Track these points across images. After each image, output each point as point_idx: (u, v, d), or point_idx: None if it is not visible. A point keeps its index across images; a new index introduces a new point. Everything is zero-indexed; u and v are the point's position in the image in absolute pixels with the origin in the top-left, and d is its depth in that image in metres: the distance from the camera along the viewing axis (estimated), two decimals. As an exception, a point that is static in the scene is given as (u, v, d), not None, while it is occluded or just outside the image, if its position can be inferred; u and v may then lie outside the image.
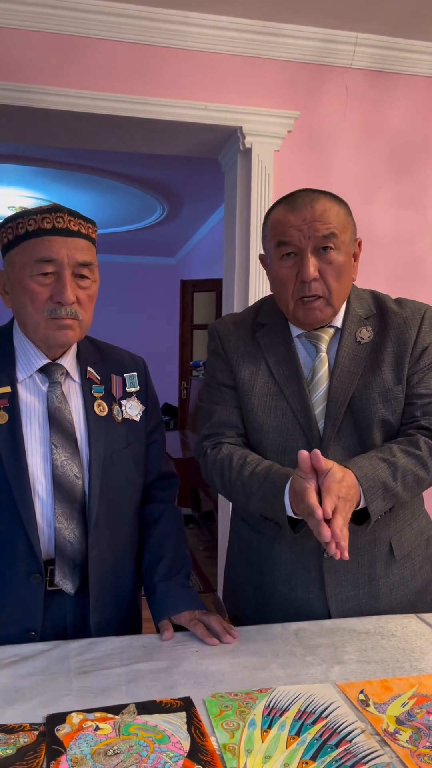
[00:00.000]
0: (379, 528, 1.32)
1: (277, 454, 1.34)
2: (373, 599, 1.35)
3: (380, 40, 2.71)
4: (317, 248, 1.24)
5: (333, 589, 1.34)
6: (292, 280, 1.26)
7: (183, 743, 0.87)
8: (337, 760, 0.84)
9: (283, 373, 1.34)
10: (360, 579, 1.35)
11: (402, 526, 1.37)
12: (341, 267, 1.25)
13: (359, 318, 1.34)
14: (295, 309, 1.28)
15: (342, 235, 1.25)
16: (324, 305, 1.27)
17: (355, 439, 1.31)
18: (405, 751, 0.87)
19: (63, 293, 1.16)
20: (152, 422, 1.39)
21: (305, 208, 1.24)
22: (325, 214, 1.23)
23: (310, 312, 1.27)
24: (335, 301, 1.28)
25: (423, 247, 2.95)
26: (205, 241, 6.51)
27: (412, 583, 1.38)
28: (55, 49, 2.49)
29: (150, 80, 2.60)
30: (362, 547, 1.33)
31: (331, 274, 1.25)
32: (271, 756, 0.86)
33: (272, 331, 1.38)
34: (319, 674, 1.07)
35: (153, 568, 1.32)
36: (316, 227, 1.23)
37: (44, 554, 1.20)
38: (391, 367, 1.31)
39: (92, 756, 0.84)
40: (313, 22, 2.60)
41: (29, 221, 1.18)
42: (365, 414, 1.30)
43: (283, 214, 1.26)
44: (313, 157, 2.81)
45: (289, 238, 1.24)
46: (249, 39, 2.62)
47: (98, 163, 4.27)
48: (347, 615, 1.34)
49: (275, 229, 1.28)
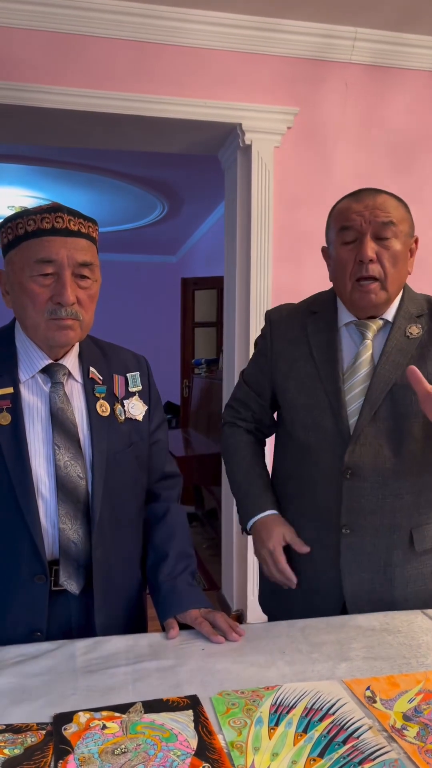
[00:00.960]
0: (400, 515, 1.36)
1: (305, 429, 1.42)
2: (389, 586, 1.37)
3: (379, 34, 2.71)
4: (376, 234, 1.32)
5: (348, 567, 1.37)
6: (351, 261, 1.33)
7: (190, 741, 0.87)
8: (345, 757, 0.84)
9: (323, 357, 1.41)
10: (376, 563, 1.37)
11: (426, 520, 1.39)
12: (398, 254, 1.33)
13: (410, 315, 1.40)
14: (352, 291, 1.35)
15: (400, 225, 1.33)
16: (379, 289, 1.33)
17: (390, 424, 1.35)
18: (412, 747, 0.87)
19: (63, 294, 1.16)
20: (155, 421, 1.39)
21: (368, 198, 1.34)
22: (386, 204, 1.33)
23: (366, 295, 1.34)
24: (390, 286, 1.34)
25: (425, 242, 2.93)
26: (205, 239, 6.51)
27: (430, 584, 1.40)
28: (53, 48, 2.49)
29: (149, 78, 2.59)
30: (382, 531, 1.36)
31: (388, 258, 1.32)
32: (278, 753, 0.86)
33: (321, 318, 1.46)
34: (325, 671, 1.07)
35: (158, 566, 1.32)
36: (376, 214, 1.31)
37: (48, 555, 1.20)
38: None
39: (100, 755, 0.84)
40: (312, 17, 2.59)
41: (28, 221, 1.17)
42: (405, 402, 1.34)
43: (347, 203, 1.36)
44: (313, 153, 2.80)
45: (351, 222, 1.33)
46: (248, 35, 2.62)
47: (98, 161, 4.27)
48: (361, 599, 1.36)
49: (339, 216, 1.37)
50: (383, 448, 1.35)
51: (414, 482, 1.36)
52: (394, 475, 1.35)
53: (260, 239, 2.78)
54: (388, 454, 1.35)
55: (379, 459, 1.35)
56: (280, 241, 2.82)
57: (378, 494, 1.35)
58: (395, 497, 1.36)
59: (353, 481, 1.35)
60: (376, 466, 1.35)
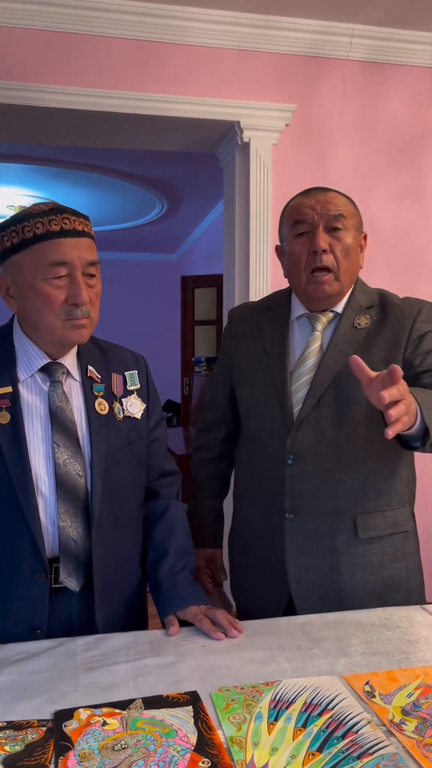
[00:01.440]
0: (344, 500, 1.39)
1: (255, 420, 1.50)
2: (335, 574, 1.40)
3: (377, 31, 2.70)
4: (328, 226, 1.37)
5: (292, 551, 1.40)
6: (304, 254, 1.38)
7: (190, 737, 0.88)
8: (344, 751, 0.85)
9: (274, 351, 1.46)
10: (321, 548, 1.40)
11: (372, 508, 1.41)
12: (349, 246, 1.38)
13: (360, 307, 1.43)
14: (307, 283, 1.39)
15: (350, 219, 1.39)
16: (333, 279, 1.38)
17: (333, 411, 1.38)
18: (411, 741, 0.87)
19: (79, 295, 1.17)
20: (154, 419, 1.40)
21: (318, 194, 1.41)
22: (336, 199, 1.40)
23: (320, 285, 1.38)
24: (343, 276, 1.38)
25: (423, 239, 2.94)
26: (205, 237, 6.50)
27: (380, 573, 1.41)
28: (52, 47, 2.49)
29: (147, 76, 2.59)
30: (325, 516, 1.39)
31: (340, 250, 1.37)
32: (277, 748, 0.86)
33: (276, 313, 1.52)
34: (325, 667, 1.08)
35: (157, 564, 1.32)
36: (327, 207, 1.37)
37: (48, 552, 1.21)
38: (382, 350, 1.39)
39: (100, 751, 0.85)
40: (309, 14, 2.59)
41: (36, 224, 1.17)
42: (348, 389, 1.38)
43: (299, 200, 1.43)
44: (311, 150, 2.80)
45: (303, 216, 1.38)
46: (245, 33, 2.62)
47: (97, 160, 4.27)
48: (306, 588, 1.39)
49: (291, 211, 1.43)
50: (325, 435, 1.38)
51: (358, 469, 1.39)
52: (336, 461, 1.38)
53: (259, 237, 2.78)
54: (330, 440, 1.38)
55: (321, 444, 1.38)
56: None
57: (320, 479, 1.39)
58: (337, 483, 1.39)
59: (295, 466, 1.39)
60: (318, 452, 1.38)
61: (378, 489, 1.41)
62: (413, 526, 1.49)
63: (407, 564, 1.45)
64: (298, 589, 1.41)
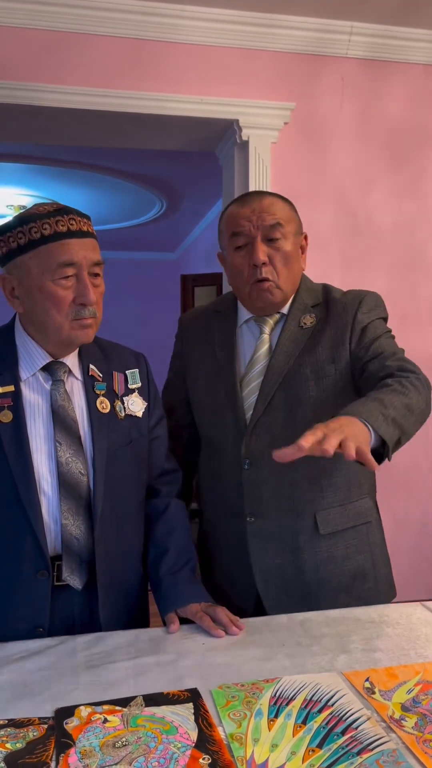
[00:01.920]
0: (302, 500, 1.40)
1: (210, 425, 1.51)
2: (300, 572, 1.40)
3: (375, 28, 2.70)
4: (266, 237, 1.37)
5: (256, 554, 1.40)
6: (245, 266, 1.39)
7: (191, 734, 0.88)
8: (344, 747, 0.85)
9: (224, 356, 1.47)
10: (284, 548, 1.40)
11: (330, 503, 1.41)
12: (288, 255, 1.39)
13: (306, 306, 1.45)
14: (250, 292, 1.40)
15: (287, 225, 1.38)
16: (274, 287, 1.39)
17: (284, 413, 1.39)
18: (411, 737, 0.88)
19: (87, 295, 1.19)
20: (154, 418, 1.40)
21: (254, 202, 1.39)
22: (272, 206, 1.38)
23: (262, 293, 1.39)
24: (284, 285, 1.40)
25: (423, 236, 2.94)
26: (205, 235, 6.49)
27: (346, 566, 1.42)
28: (50, 46, 2.49)
29: (145, 75, 2.59)
30: (285, 517, 1.40)
31: (279, 260, 1.37)
32: (277, 744, 0.87)
33: (224, 317, 1.53)
34: (324, 663, 1.08)
35: (158, 561, 1.33)
36: (263, 217, 1.36)
37: (51, 550, 1.21)
38: (327, 347, 1.40)
39: (101, 748, 0.85)
40: (308, 12, 2.59)
41: (43, 225, 1.17)
42: (297, 390, 1.39)
43: (235, 209, 1.42)
44: (310, 148, 2.80)
45: (241, 228, 1.38)
46: (244, 31, 2.62)
47: (96, 159, 4.26)
48: (273, 586, 1.39)
49: (229, 222, 1.42)
50: (278, 438, 1.34)
51: (311, 468, 1.36)
52: (290, 462, 1.30)
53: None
54: (282, 443, 1.28)
55: (274, 448, 1.29)
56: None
57: (277, 481, 1.39)
58: (294, 483, 1.39)
59: (252, 471, 1.40)
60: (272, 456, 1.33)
61: (334, 485, 1.41)
62: (376, 516, 1.50)
63: (372, 554, 1.46)
64: (264, 588, 1.41)
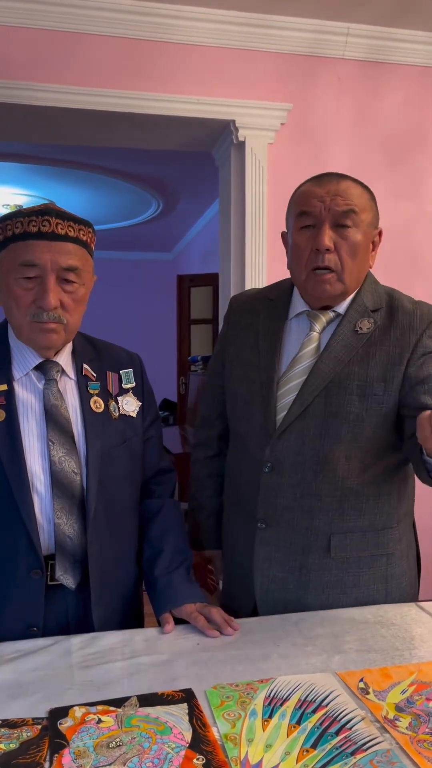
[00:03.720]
0: (319, 517, 1.30)
1: (239, 419, 1.42)
2: (302, 590, 1.31)
3: (372, 30, 2.70)
4: (336, 223, 1.25)
5: (260, 563, 1.34)
6: (307, 249, 1.27)
7: (185, 734, 0.88)
8: (338, 748, 0.85)
9: (267, 347, 1.36)
10: (291, 563, 1.32)
11: (350, 528, 1.31)
12: (357, 245, 1.26)
13: (365, 309, 1.31)
14: (307, 280, 1.29)
15: (362, 214, 1.26)
16: (335, 280, 1.27)
17: (319, 422, 1.28)
18: (405, 737, 0.88)
19: (44, 299, 1.17)
20: (149, 418, 1.40)
21: (331, 183, 1.26)
22: (349, 191, 1.26)
23: (320, 284, 1.27)
24: (347, 277, 1.27)
25: (419, 238, 2.94)
26: (201, 236, 6.50)
27: (354, 593, 1.32)
28: (46, 46, 2.48)
29: (142, 75, 2.59)
30: (298, 531, 1.31)
31: (346, 249, 1.25)
32: (272, 745, 0.86)
33: (275, 306, 1.41)
34: (319, 664, 1.08)
35: (153, 562, 1.33)
36: (337, 201, 1.24)
37: (44, 549, 1.21)
38: (381, 364, 1.27)
39: (95, 748, 0.85)
40: (305, 13, 2.59)
41: (16, 224, 1.18)
42: (338, 402, 1.27)
43: (309, 187, 1.29)
44: (307, 149, 2.80)
45: (311, 208, 1.26)
46: (240, 31, 2.61)
47: (92, 159, 4.26)
48: (272, 599, 1.33)
49: (299, 200, 1.30)
50: (307, 447, 1.28)
51: (336, 486, 1.29)
52: (314, 475, 1.29)
53: (254, 235, 2.77)
54: (311, 453, 1.28)
55: (301, 457, 1.29)
56: (275, 238, 2.82)
57: (296, 492, 1.30)
58: (313, 497, 1.29)
59: (272, 475, 1.31)
60: (296, 464, 1.29)
61: (359, 509, 1.30)
62: (403, 548, 1.37)
63: (387, 586, 1.34)
64: (263, 599, 1.34)
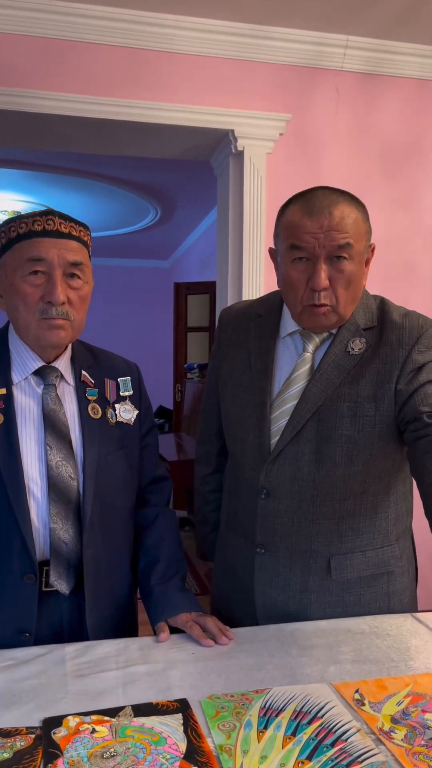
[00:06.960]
0: (318, 540, 1.29)
1: (233, 441, 1.40)
2: (304, 612, 1.30)
3: (370, 42, 2.73)
4: (331, 256, 1.20)
5: (261, 588, 1.33)
6: (302, 284, 1.22)
7: (179, 745, 0.88)
8: (333, 760, 0.85)
9: (259, 367, 1.34)
10: (291, 587, 1.31)
11: (350, 549, 1.30)
12: (352, 276, 1.22)
13: (357, 328, 1.28)
14: (302, 313, 1.25)
15: (357, 244, 1.21)
16: (330, 312, 1.23)
17: (312, 447, 1.26)
18: (400, 749, 0.87)
19: (53, 293, 1.17)
20: (145, 426, 1.40)
21: (323, 215, 1.18)
22: (343, 221, 1.19)
23: (315, 318, 1.24)
24: (342, 310, 1.24)
25: (415, 249, 2.96)
26: (198, 244, 6.52)
27: (355, 611, 1.31)
28: (46, 54, 2.50)
29: (141, 84, 2.60)
30: (297, 555, 1.30)
31: (341, 283, 1.21)
32: (267, 756, 0.86)
33: (265, 324, 1.37)
34: (314, 674, 1.08)
35: (149, 571, 1.32)
36: (332, 236, 1.18)
37: (39, 555, 1.20)
38: (371, 383, 1.25)
39: (89, 758, 0.85)
40: (304, 25, 2.61)
41: (21, 224, 1.20)
42: (329, 426, 1.25)
43: (300, 217, 1.20)
44: (305, 159, 2.82)
45: (304, 243, 1.20)
46: (240, 42, 2.63)
47: (91, 166, 4.28)
48: (273, 622, 1.30)
49: (290, 230, 1.22)
50: (302, 472, 1.27)
51: (333, 509, 1.28)
52: (311, 499, 1.27)
53: (252, 245, 2.79)
54: (306, 478, 1.27)
55: (296, 482, 1.27)
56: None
57: (293, 518, 1.29)
58: (311, 522, 1.28)
59: (268, 502, 1.30)
60: (293, 489, 1.28)
61: (357, 529, 1.29)
62: (403, 564, 1.36)
63: (390, 603, 1.33)
64: (265, 621, 1.32)
